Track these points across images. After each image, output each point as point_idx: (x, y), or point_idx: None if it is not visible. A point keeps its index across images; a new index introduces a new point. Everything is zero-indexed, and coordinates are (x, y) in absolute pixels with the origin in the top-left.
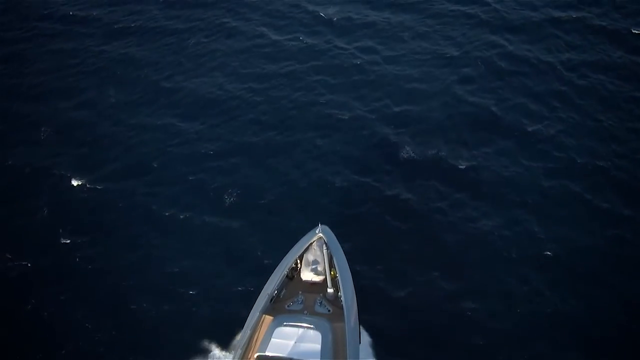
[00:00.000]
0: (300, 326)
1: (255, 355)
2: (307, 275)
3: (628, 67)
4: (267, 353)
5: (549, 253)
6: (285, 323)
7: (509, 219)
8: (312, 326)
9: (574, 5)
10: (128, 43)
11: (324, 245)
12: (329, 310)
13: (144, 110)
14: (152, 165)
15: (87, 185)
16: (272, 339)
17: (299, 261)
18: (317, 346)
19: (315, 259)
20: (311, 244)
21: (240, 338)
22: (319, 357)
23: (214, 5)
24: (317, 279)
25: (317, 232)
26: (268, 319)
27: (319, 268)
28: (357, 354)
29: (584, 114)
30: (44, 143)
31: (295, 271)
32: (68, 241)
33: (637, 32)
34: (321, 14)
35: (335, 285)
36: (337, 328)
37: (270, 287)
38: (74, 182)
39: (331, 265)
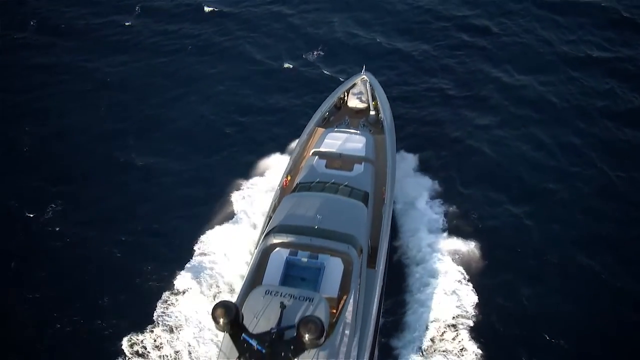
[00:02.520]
0: (348, 132)
1: (311, 152)
2: (352, 102)
3: None
4: (321, 149)
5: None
6: (335, 130)
7: None
8: (357, 132)
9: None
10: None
11: (367, 83)
12: (371, 130)
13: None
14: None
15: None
16: (324, 140)
17: (345, 94)
18: (362, 145)
19: (360, 91)
20: (356, 83)
21: (297, 142)
22: (363, 152)
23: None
24: (361, 106)
25: (361, 73)
26: (320, 130)
27: (363, 98)
28: (394, 155)
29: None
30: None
31: (342, 102)
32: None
33: None
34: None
35: (376, 110)
36: (378, 138)
37: (323, 108)
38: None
39: (373, 98)
